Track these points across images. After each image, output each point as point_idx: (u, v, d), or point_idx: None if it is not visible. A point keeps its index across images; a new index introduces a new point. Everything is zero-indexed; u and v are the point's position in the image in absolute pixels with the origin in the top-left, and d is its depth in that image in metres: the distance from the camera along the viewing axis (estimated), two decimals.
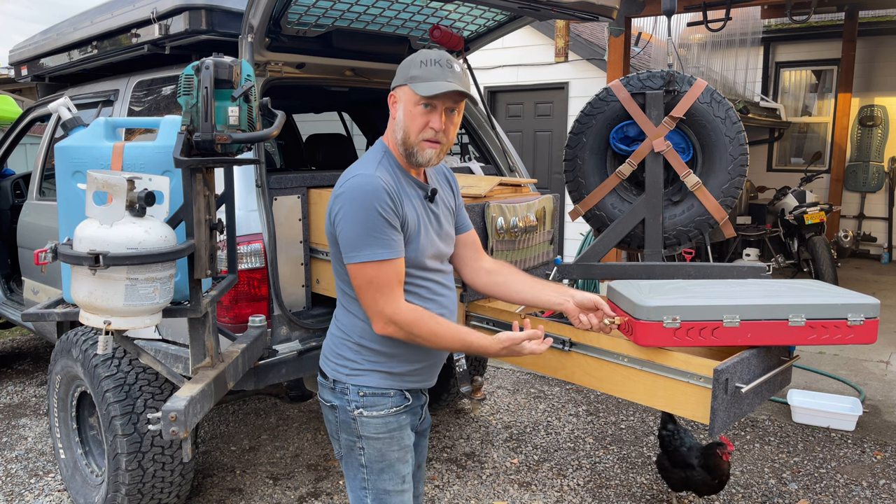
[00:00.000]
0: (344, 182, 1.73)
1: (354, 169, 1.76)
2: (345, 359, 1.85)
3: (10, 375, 5.15)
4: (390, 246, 1.70)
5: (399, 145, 1.79)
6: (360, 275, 1.71)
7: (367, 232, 1.68)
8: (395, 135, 1.79)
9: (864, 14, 8.94)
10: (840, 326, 1.92)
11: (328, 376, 1.89)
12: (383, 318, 1.72)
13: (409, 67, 1.75)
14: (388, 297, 1.71)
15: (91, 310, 1.94)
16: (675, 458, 2.99)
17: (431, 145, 1.76)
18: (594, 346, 2.14)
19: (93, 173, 1.91)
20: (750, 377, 1.94)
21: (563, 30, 7.73)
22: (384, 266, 1.70)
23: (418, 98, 1.72)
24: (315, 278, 3.07)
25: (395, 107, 1.79)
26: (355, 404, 1.83)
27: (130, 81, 3.49)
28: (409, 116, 1.75)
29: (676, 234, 3.14)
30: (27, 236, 4.10)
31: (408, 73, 1.75)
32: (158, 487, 2.83)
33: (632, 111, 3.13)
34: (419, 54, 1.76)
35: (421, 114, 1.74)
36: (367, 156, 1.83)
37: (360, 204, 1.68)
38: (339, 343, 1.87)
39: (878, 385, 4.69)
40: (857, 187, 9.35)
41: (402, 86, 1.76)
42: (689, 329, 1.93)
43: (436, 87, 1.70)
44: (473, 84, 3.66)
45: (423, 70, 1.73)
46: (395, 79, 1.79)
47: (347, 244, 1.71)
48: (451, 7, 3.17)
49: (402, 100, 1.77)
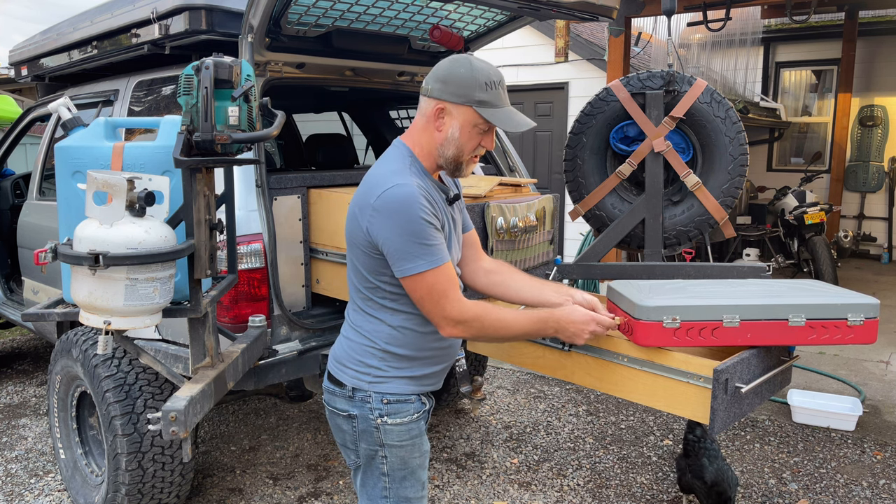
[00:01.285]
0: (379, 194, 1.66)
1: (386, 178, 1.69)
2: (368, 366, 1.80)
3: (10, 375, 5.15)
4: (441, 250, 1.69)
5: (443, 158, 1.77)
6: (420, 286, 1.68)
7: (417, 242, 1.65)
8: (443, 149, 1.76)
9: (864, 14, 8.94)
10: (840, 326, 1.92)
11: (345, 384, 1.82)
12: (451, 321, 1.70)
13: (472, 88, 1.70)
14: (451, 299, 1.69)
15: (91, 310, 1.94)
16: (693, 466, 2.96)
17: (475, 160, 1.81)
18: (594, 346, 2.14)
19: (93, 173, 1.91)
20: (750, 377, 1.94)
21: (563, 30, 7.72)
22: (441, 271, 1.68)
23: (483, 122, 1.72)
24: (315, 278, 3.07)
25: (447, 122, 1.73)
26: (379, 412, 1.79)
27: (130, 81, 3.49)
28: (465, 136, 1.73)
29: (676, 234, 3.14)
30: (27, 236, 4.10)
31: (472, 95, 1.70)
32: (158, 487, 2.83)
33: (632, 111, 3.13)
34: (479, 73, 1.71)
35: (478, 134, 1.75)
36: (393, 161, 1.77)
37: (405, 216, 1.64)
38: (362, 350, 1.81)
39: (878, 385, 4.69)
40: (857, 187, 9.35)
41: (463, 105, 1.71)
42: (689, 329, 1.93)
43: (518, 122, 1.73)
44: None
45: (490, 94, 1.71)
46: (444, 92, 1.71)
47: (399, 257, 1.66)
48: (451, 7, 3.17)
49: (458, 118, 1.72)
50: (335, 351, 1.90)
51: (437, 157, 1.78)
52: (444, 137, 1.75)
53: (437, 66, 1.76)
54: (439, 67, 1.75)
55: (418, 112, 1.79)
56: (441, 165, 1.79)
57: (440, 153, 1.77)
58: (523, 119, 1.75)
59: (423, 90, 1.76)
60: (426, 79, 1.76)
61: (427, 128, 1.76)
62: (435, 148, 1.77)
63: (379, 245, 1.68)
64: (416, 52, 3.59)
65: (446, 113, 1.73)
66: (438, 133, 1.75)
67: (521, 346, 2.36)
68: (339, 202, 2.92)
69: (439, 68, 1.75)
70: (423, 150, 1.78)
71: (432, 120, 1.75)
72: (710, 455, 2.93)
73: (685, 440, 3.06)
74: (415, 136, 1.79)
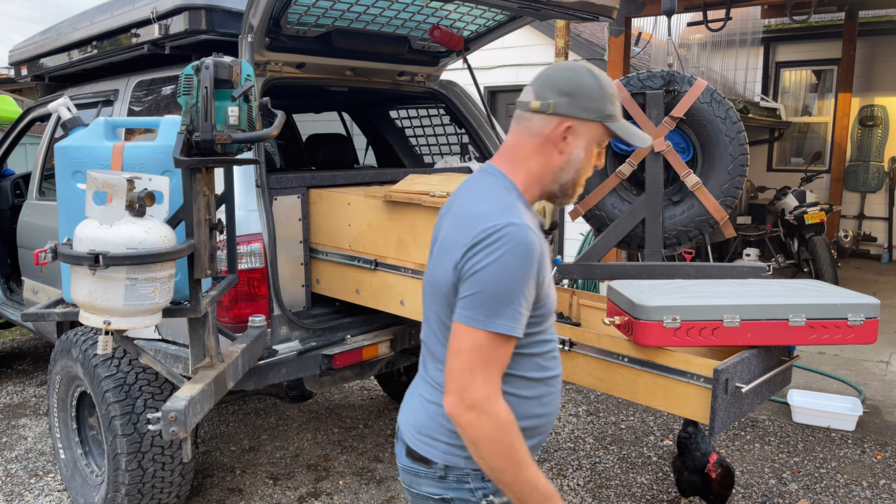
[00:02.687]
0: (492, 231, 1.34)
1: (497, 215, 1.36)
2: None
3: (10, 375, 5.15)
4: (522, 322, 1.37)
5: (558, 184, 1.49)
6: (472, 339, 1.34)
7: (510, 298, 1.33)
8: (561, 174, 1.46)
9: (864, 14, 8.93)
10: (840, 326, 1.92)
11: (434, 461, 1.46)
12: (470, 398, 1.33)
13: (603, 101, 1.43)
14: (489, 375, 1.34)
15: (91, 310, 1.94)
16: (690, 462, 2.97)
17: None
18: (594, 346, 2.14)
19: (93, 173, 1.91)
20: (750, 377, 1.94)
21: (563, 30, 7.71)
22: (508, 343, 1.36)
23: (607, 138, 1.48)
24: (315, 278, 3.07)
25: (573, 143, 1.44)
26: (482, 492, 1.45)
27: (130, 81, 3.49)
28: (588, 156, 1.46)
29: (676, 234, 3.14)
30: (27, 236, 4.10)
31: (603, 109, 1.43)
32: (158, 487, 2.83)
33: (632, 111, 3.13)
34: (605, 82, 1.45)
35: (597, 153, 1.49)
36: (497, 195, 1.44)
37: (517, 263, 1.33)
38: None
39: (878, 385, 4.69)
40: (857, 187, 9.35)
41: (592, 121, 1.43)
42: (689, 329, 1.93)
43: (639, 136, 1.49)
44: (474, 84, 3.66)
45: (617, 105, 1.47)
46: (573, 107, 1.42)
47: (482, 304, 1.33)
48: (451, 7, 3.17)
49: (585, 137, 1.45)
50: (415, 419, 1.51)
51: (550, 184, 1.48)
52: (565, 160, 1.45)
53: (550, 76, 1.46)
54: (557, 77, 1.45)
55: (525, 133, 1.46)
56: (551, 192, 1.50)
57: (555, 178, 1.47)
58: (640, 132, 1.51)
59: (539, 106, 1.43)
60: (538, 92, 1.45)
61: (543, 150, 1.45)
62: (551, 173, 1.47)
63: (466, 282, 1.36)
64: (416, 52, 3.58)
65: (575, 133, 1.44)
66: (560, 156, 1.45)
67: None
68: (339, 202, 2.92)
69: (558, 79, 1.44)
70: (530, 177, 1.47)
71: (555, 141, 1.44)
72: (700, 445, 2.97)
73: (678, 439, 3.07)
74: (520, 162, 1.47)
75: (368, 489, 3.41)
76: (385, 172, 3.46)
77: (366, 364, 3.15)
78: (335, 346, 2.88)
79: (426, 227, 2.59)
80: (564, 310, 2.81)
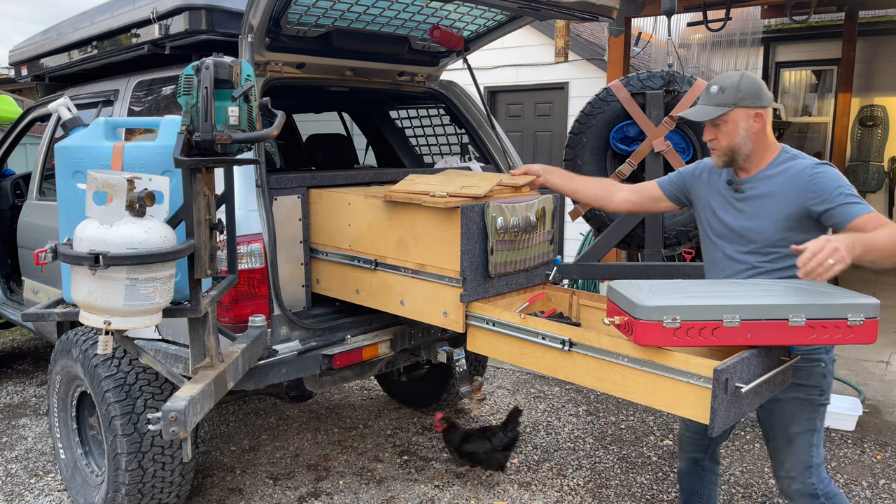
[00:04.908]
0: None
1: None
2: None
3: (10, 375, 5.16)
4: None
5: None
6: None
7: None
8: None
9: (864, 14, 8.93)
10: (840, 326, 1.92)
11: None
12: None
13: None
14: None
15: (91, 310, 1.94)
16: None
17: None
18: (594, 346, 2.14)
19: (93, 173, 1.91)
20: (750, 377, 1.94)
21: (563, 30, 7.73)
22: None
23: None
24: (315, 278, 3.07)
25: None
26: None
27: (130, 81, 3.49)
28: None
29: (676, 234, 3.14)
30: (27, 236, 4.10)
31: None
32: (158, 487, 2.83)
33: (632, 111, 3.14)
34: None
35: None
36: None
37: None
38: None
39: (878, 385, 4.69)
40: (857, 187, 9.29)
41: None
42: (689, 329, 1.93)
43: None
44: (474, 84, 3.66)
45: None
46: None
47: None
48: (451, 7, 3.17)
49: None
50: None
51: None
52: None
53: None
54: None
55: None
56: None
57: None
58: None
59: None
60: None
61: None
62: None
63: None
64: (416, 52, 3.59)
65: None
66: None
67: (522, 345, 2.36)
68: (339, 202, 2.92)
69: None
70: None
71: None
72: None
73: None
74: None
75: (368, 489, 3.41)
76: (385, 172, 3.46)
77: (366, 364, 3.15)
78: (335, 346, 2.88)
79: (426, 227, 2.59)
80: (564, 310, 2.82)
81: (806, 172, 2.16)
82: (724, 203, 2.29)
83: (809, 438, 2.22)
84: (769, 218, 2.19)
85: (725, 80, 2.18)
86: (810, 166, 2.17)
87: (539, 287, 2.87)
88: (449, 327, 2.59)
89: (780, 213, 2.17)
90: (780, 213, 2.17)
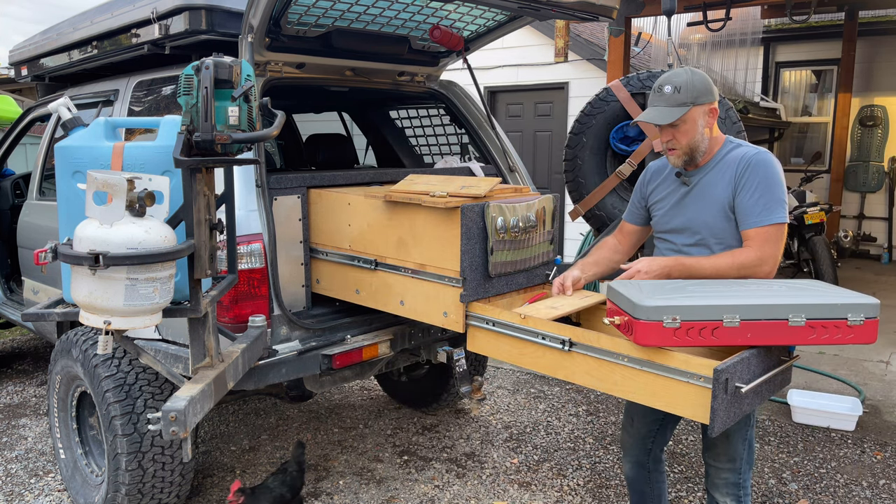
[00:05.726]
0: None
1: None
2: None
3: (10, 375, 5.16)
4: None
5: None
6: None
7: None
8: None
9: (864, 14, 8.94)
10: (840, 326, 1.92)
11: None
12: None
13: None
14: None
15: (91, 310, 1.94)
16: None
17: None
18: (594, 346, 2.14)
19: (93, 173, 1.91)
20: (750, 377, 1.94)
21: (563, 30, 7.73)
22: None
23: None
24: (315, 278, 3.07)
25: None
26: None
27: (130, 81, 3.49)
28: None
29: None
30: (27, 236, 4.10)
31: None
32: (158, 487, 2.83)
33: (632, 111, 3.13)
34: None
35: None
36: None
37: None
38: None
39: (878, 385, 4.69)
40: (857, 187, 9.35)
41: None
42: (689, 329, 1.93)
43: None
44: (474, 84, 3.66)
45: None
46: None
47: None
48: (451, 7, 3.17)
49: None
50: None
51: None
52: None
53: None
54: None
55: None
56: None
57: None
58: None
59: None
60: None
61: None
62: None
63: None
64: (416, 52, 3.59)
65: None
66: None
67: (522, 345, 2.36)
68: (339, 202, 2.92)
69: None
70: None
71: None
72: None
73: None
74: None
75: (368, 489, 3.41)
76: (385, 172, 3.46)
77: (366, 364, 3.15)
78: (335, 346, 2.88)
79: (426, 227, 2.59)
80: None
81: (744, 160, 2.19)
82: (671, 198, 2.33)
83: (744, 433, 2.26)
84: (708, 207, 2.22)
85: (677, 79, 2.16)
86: (748, 155, 2.19)
87: (539, 287, 2.87)
88: (449, 327, 2.59)
89: (716, 202, 2.21)
90: (716, 202, 2.21)
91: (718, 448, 2.29)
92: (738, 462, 2.27)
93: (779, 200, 2.13)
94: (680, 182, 2.30)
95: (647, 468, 2.59)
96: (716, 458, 2.31)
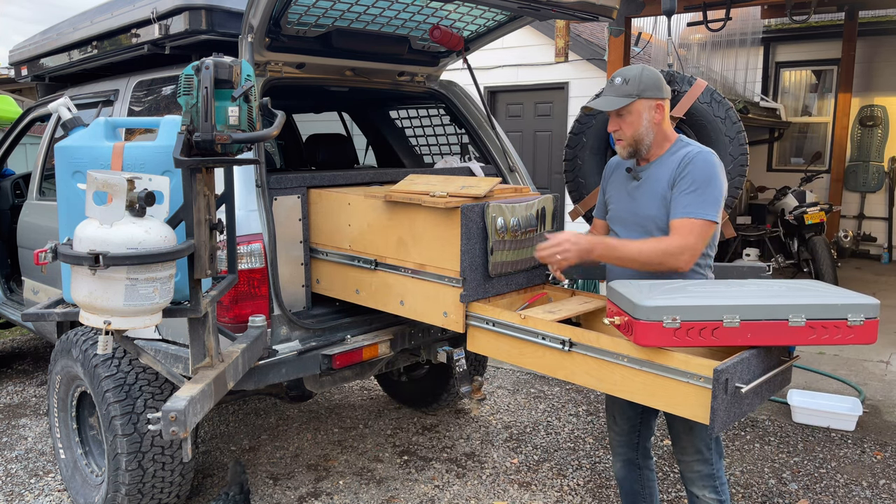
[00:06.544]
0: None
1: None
2: None
3: (10, 375, 5.16)
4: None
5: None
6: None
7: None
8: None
9: (864, 14, 8.94)
10: (840, 326, 1.92)
11: None
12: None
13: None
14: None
15: (91, 310, 1.94)
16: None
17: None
18: (594, 346, 2.14)
19: (93, 173, 1.91)
20: (750, 377, 1.94)
21: (563, 30, 7.73)
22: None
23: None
24: (315, 278, 3.07)
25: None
26: None
27: (130, 81, 3.49)
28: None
29: None
30: (27, 236, 4.10)
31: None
32: (158, 487, 2.83)
33: None
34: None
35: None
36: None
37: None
38: None
39: (878, 385, 4.69)
40: (857, 187, 9.35)
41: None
42: (689, 329, 1.93)
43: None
44: (474, 84, 3.66)
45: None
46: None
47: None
48: (451, 7, 3.17)
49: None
50: None
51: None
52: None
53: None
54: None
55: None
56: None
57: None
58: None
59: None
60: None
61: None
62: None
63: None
64: (416, 52, 3.58)
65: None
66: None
67: (522, 346, 2.36)
68: (339, 202, 2.92)
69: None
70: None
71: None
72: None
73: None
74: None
75: (368, 489, 3.41)
76: (385, 172, 3.46)
77: (366, 364, 3.15)
78: (335, 346, 2.88)
79: (426, 227, 2.59)
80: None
81: (686, 158, 2.24)
82: (623, 192, 2.40)
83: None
84: (653, 201, 2.28)
85: (628, 73, 2.26)
86: (692, 153, 2.24)
87: (539, 287, 2.87)
88: (449, 327, 2.59)
89: (658, 195, 2.27)
90: (658, 195, 2.27)
91: (684, 442, 2.33)
92: (705, 453, 2.30)
93: (712, 199, 2.18)
94: (630, 177, 2.37)
95: (638, 464, 2.63)
96: (683, 452, 2.34)
